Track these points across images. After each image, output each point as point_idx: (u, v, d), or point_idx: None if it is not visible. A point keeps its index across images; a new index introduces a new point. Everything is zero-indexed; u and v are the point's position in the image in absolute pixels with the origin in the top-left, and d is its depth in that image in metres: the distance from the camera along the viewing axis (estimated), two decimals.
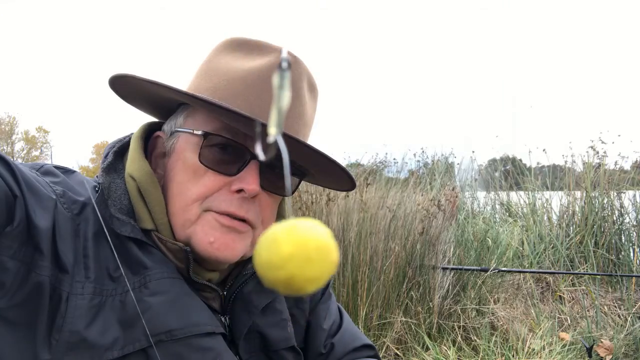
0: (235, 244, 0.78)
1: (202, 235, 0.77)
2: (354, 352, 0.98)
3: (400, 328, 3.18)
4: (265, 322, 0.86)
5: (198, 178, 0.77)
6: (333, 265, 0.38)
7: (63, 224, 0.67)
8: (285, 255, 0.36)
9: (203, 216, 0.77)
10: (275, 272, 0.36)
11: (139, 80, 0.76)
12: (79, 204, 0.72)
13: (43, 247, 0.63)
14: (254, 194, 0.77)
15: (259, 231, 0.83)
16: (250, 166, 0.77)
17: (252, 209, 0.79)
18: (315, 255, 0.36)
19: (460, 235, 4.01)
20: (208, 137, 0.77)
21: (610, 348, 3.10)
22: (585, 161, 5.09)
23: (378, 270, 3.23)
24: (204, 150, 0.77)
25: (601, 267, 4.34)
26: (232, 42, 0.84)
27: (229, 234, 0.77)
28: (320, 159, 0.81)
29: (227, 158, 0.78)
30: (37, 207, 0.64)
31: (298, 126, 0.81)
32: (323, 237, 0.37)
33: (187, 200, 0.77)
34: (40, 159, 35.74)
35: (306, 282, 0.37)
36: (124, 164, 0.82)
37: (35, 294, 0.63)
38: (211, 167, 0.77)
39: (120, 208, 0.76)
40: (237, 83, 0.78)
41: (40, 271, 0.63)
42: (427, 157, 6.52)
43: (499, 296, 3.68)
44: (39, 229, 0.63)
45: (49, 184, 0.70)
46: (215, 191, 0.77)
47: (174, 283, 0.74)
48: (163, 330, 0.69)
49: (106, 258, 0.71)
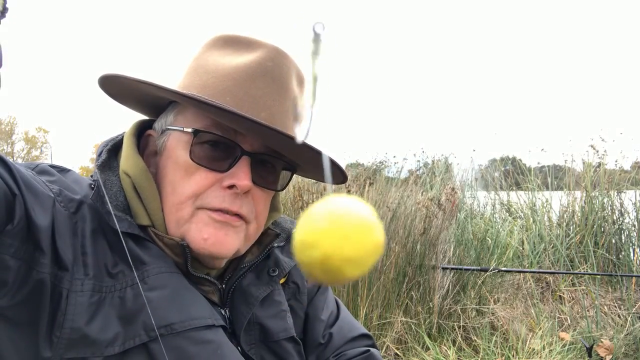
0: (229, 238, 0.79)
1: (196, 233, 0.78)
2: (352, 341, 0.99)
3: (400, 328, 3.18)
4: (265, 313, 0.87)
5: (189, 176, 0.78)
6: (375, 245, 0.33)
7: (62, 222, 0.68)
8: (319, 231, 0.31)
9: (196, 214, 0.78)
10: (309, 253, 0.32)
11: (129, 80, 0.77)
12: (75, 202, 0.73)
13: (43, 245, 0.63)
14: (246, 190, 0.78)
15: (253, 225, 0.84)
16: (242, 162, 0.78)
17: (245, 204, 0.80)
18: (352, 232, 0.31)
19: (460, 235, 4.01)
20: (198, 135, 0.78)
21: (610, 348, 3.09)
22: (585, 160, 5.09)
23: (378, 270, 3.23)
24: (194, 147, 0.78)
25: (601, 267, 4.34)
26: (220, 39, 0.85)
27: (222, 229, 0.78)
28: (310, 152, 0.81)
29: (217, 154, 0.79)
30: (36, 205, 0.64)
31: (288, 120, 0.82)
32: (362, 212, 0.33)
33: (180, 198, 0.78)
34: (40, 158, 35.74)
35: (345, 262, 0.32)
36: (118, 162, 0.82)
37: (37, 292, 0.64)
38: (202, 164, 0.78)
39: (117, 205, 0.76)
40: (226, 80, 0.79)
41: (41, 269, 0.63)
42: (427, 157, 6.52)
43: (499, 296, 3.68)
44: (39, 227, 0.63)
45: (45, 183, 0.70)
46: (207, 188, 0.78)
47: (172, 277, 0.75)
48: (163, 324, 0.70)
49: (104, 255, 0.72)
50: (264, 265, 0.91)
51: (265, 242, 0.92)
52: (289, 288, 0.96)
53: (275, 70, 0.81)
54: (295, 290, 0.97)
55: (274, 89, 0.80)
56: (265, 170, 0.83)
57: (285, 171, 0.88)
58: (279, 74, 0.81)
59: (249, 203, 0.81)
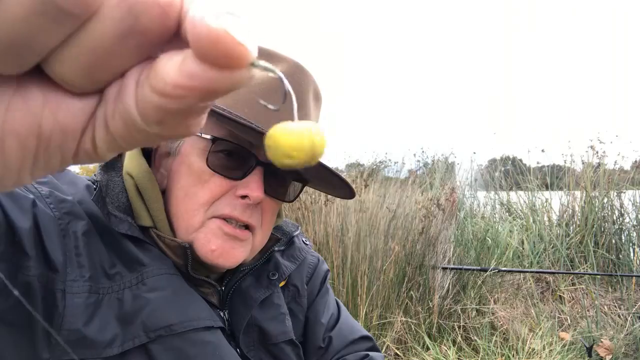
0: (236, 251, 0.80)
1: (205, 242, 0.78)
2: (352, 344, 0.99)
3: (400, 328, 3.18)
4: (264, 316, 0.87)
5: (203, 183, 0.78)
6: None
7: (47, 223, 0.67)
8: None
9: (207, 224, 0.79)
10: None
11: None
12: (67, 202, 0.72)
13: (26, 248, 0.63)
14: (258, 201, 0.79)
15: (259, 235, 0.85)
16: (255, 172, 0.79)
17: (254, 214, 0.81)
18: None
19: (460, 235, 4.01)
20: (216, 142, 0.78)
21: (610, 348, 3.10)
22: (584, 161, 5.09)
23: (378, 270, 3.23)
24: (211, 154, 0.78)
25: (601, 267, 4.34)
26: None
27: (230, 242, 0.79)
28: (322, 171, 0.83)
29: (233, 163, 0.79)
30: (13, 208, 0.63)
31: None
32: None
33: (194, 205, 0.78)
34: None
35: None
36: (121, 162, 0.82)
37: (26, 294, 0.63)
38: (218, 172, 0.78)
39: (118, 206, 0.76)
40: (244, 91, 0.79)
41: (26, 272, 0.63)
42: (427, 157, 6.52)
43: (499, 296, 3.68)
44: (19, 230, 0.62)
45: (34, 185, 0.70)
46: (220, 195, 0.79)
47: (171, 279, 0.75)
48: (162, 325, 0.70)
49: (100, 256, 0.71)
50: (263, 269, 0.91)
51: (266, 246, 0.92)
52: (289, 291, 0.96)
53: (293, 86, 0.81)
54: (295, 293, 0.97)
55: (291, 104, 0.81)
56: (276, 181, 0.83)
57: (296, 182, 0.88)
58: (297, 90, 0.82)
59: (258, 213, 0.82)
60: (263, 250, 0.92)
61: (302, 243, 1.03)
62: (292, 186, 0.88)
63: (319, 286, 1.02)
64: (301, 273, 0.99)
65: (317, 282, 1.02)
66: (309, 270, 1.01)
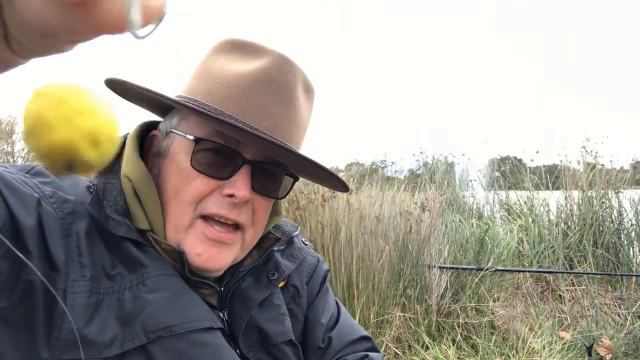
0: (222, 255, 0.80)
1: (191, 246, 0.78)
2: (351, 344, 0.99)
3: (399, 326, 3.18)
4: (263, 316, 0.86)
5: (190, 181, 0.78)
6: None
7: (51, 223, 0.67)
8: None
9: (194, 225, 0.79)
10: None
11: (131, 86, 0.77)
12: (70, 202, 0.72)
13: (30, 246, 0.63)
14: (245, 200, 0.78)
15: (250, 233, 0.84)
16: (242, 171, 0.78)
17: (243, 212, 0.80)
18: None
19: (459, 235, 4.01)
20: (200, 142, 0.78)
21: (610, 347, 3.10)
22: (579, 161, 5.10)
23: (372, 267, 3.25)
24: (195, 154, 0.78)
25: (601, 267, 4.34)
26: (227, 43, 0.85)
27: (216, 247, 0.79)
28: (311, 166, 0.82)
29: (219, 162, 0.78)
30: (19, 206, 0.63)
31: (291, 130, 0.82)
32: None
33: (182, 203, 0.78)
34: None
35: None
36: (119, 164, 0.82)
37: (28, 293, 0.63)
38: (203, 172, 0.77)
39: (116, 209, 0.76)
40: (230, 87, 0.79)
41: (29, 270, 0.62)
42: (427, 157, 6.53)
43: (498, 295, 3.68)
44: (24, 228, 0.62)
45: (37, 184, 0.70)
46: (207, 194, 0.78)
47: (171, 280, 0.75)
48: (162, 326, 0.69)
49: (101, 256, 0.71)
50: (263, 268, 0.90)
51: (266, 246, 0.91)
52: (288, 291, 0.95)
53: (280, 78, 0.80)
54: (294, 293, 0.96)
55: (279, 97, 0.80)
56: (266, 178, 0.82)
57: (288, 177, 0.87)
58: (284, 83, 0.80)
59: (247, 211, 0.81)
60: (262, 250, 0.91)
61: (302, 243, 1.02)
62: (283, 183, 0.87)
63: (318, 286, 1.01)
64: (301, 273, 0.98)
65: (317, 283, 1.01)
66: (309, 270, 1.00)
